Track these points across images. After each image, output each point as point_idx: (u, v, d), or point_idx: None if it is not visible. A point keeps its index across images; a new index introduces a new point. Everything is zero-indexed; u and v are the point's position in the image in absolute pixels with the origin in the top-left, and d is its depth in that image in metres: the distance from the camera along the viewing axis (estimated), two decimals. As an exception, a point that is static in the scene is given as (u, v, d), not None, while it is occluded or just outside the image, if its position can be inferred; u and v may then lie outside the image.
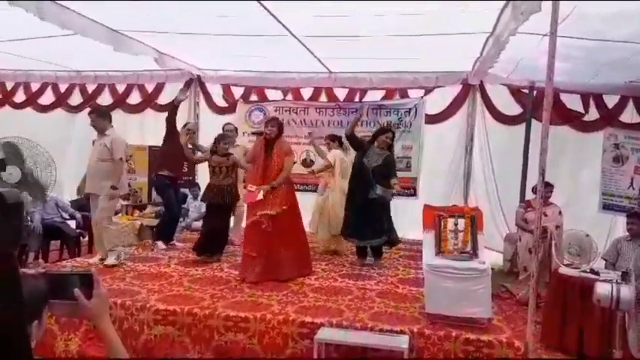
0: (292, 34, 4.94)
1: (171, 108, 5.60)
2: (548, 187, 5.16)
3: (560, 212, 5.14)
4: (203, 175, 7.29)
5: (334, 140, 5.83)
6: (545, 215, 5.01)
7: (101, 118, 4.69)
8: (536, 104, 6.00)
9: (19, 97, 7.83)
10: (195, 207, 6.86)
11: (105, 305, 1.24)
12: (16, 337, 0.71)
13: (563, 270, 4.14)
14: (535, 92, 6.20)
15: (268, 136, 4.43)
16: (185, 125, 5.68)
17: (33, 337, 1.10)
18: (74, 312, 1.22)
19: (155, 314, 3.60)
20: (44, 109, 7.77)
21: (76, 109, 7.64)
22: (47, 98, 7.78)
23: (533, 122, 6.05)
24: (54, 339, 3.71)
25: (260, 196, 4.33)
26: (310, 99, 7.25)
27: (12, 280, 0.71)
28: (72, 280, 1.22)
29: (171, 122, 5.51)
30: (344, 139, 5.53)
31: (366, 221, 4.88)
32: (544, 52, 3.22)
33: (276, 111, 7.25)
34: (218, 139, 5.10)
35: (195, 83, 7.38)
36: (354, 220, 4.96)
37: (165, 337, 3.57)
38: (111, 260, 4.67)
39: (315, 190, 6.18)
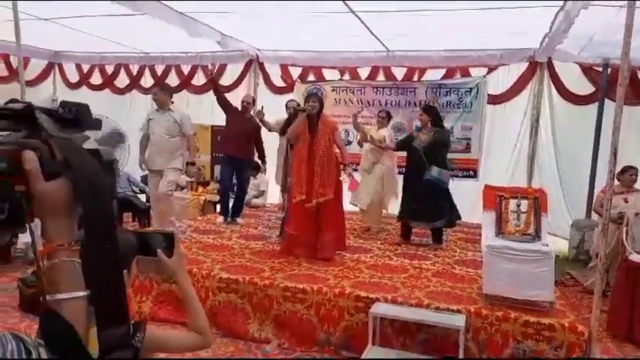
0: (351, 10, 4.91)
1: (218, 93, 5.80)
2: (632, 170, 4.85)
3: None
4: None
5: (388, 118, 5.81)
6: (626, 202, 4.74)
7: (163, 92, 4.90)
8: (610, 83, 5.62)
9: (96, 79, 8.37)
10: (254, 185, 7.08)
11: (183, 263, 1.35)
12: (115, 280, 0.79)
13: (634, 257, 3.93)
14: (609, 70, 5.81)
15: (310, 111, 4.36)
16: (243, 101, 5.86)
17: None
18: (157, 268, 1.34)
19: (219, 282, 3.82)
20: (121, 91, 8.24)
21: (149, 90, 8.06)
22: (122, 80, 8.24)
23: (607, 103, 5.68)
24: (129, 301, 4.03)
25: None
26: (367, 78, 7.20)
27: (111, 226, 0.78)
28: (156, 239, 1.34)
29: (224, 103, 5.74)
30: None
31: (425, 204, 4.85)
32: (621, 25, 3.01)
33: (333, 91, 7.28)
34: (295, 115, 4.95)
35: (254, 64, 7.54)
36: (413, 203, 4.95)
37: (228, 303, 3.78)
38: None
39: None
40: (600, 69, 5.93)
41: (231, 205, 5.92)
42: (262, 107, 5.80)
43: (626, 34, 2.86)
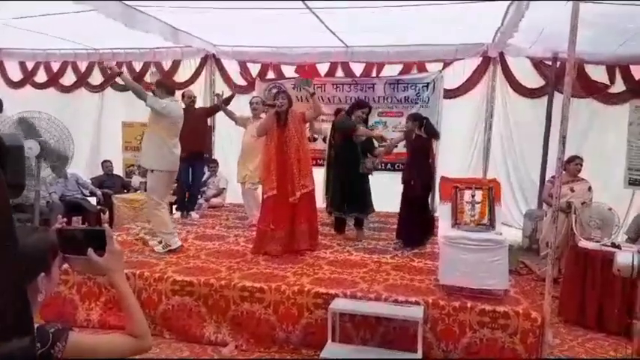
0: (306, 5, 4.84)
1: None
2: (578, 159, 5.01)
3: (589, 188, 4.97)
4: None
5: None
6: (572, 191, 4.88)
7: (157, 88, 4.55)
8: (559, 76, 5.80)
9: (41, 77, 7.94)
10: (214, 183, 6.91)
11: (118, 261, 1.24)
12: (13, 286, 0.69)
13: (583, 243, 4.05)
14: (558, 63, 6.00)
15: (280, 108, 4.39)
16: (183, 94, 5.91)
17: (41, 289, 1.11)
18: (90, 267, 1.23)
19: (173, 285, 3.67)
20: (67, 89, 7.86)
21: (98, 88, 7.74)
22: (69, 78, 7.87)
23: (556, 95, 5.87)
24: (75, 309, 3.83)
25: None
26: (327, 75, 7.15)
27: (6, 224, 0.68)
28: (85, 236, 1.23)
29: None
30: None
31: (359, 195, 4.96)
32: (568, 19, 3.08)
33: (294, 88, 7.18)
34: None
35: (210, 60, 7.35)
36: (349, 194, 4.95)
37: (182, 306, 3.64)
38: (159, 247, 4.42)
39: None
40: (550, 62, 6.12)
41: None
42: (222, 92, 5.82)
43: (572, 23, 2.92)
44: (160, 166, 4.28)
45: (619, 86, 6.06)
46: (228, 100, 5.91)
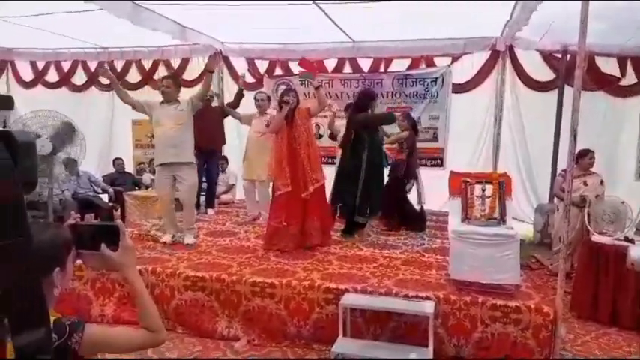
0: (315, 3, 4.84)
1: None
2: (591, 154, 4.96)
3: (601, 182, 4.92)
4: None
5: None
6: (585, 185, 4.83)
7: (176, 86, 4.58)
8: (569, 69, 5.75)
9: (52, 76, 8.02)
10: (223, 179, 6.95)
11: (130, 256, 1.26)
12: (27, 280, 0.70)
13: (596, 237, 4.02)
14: (568, 56, 5.94)
15: (290, 105, 4.42)
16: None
17: (56, 284, 1.13)
18: (103, 263, 1.25)
19: (185, 280, 3.71)
20: (78, 88, 7.94)
21: (108, 86, 7.79)
22: (80, 77, 7.95)
23: (567, 88, 5.81)
24: (89, 304, 3.88)
25: None
26: (335, 70, 7.15)
27: (20, 218, 0.69)
28: (98, 232, 1.25)
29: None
30: None
31: (379, 196, 4.88)
32: (578, 12, 3.05)
33: (302, 84, 7.18)
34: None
35: (218, 57, 7.37)
36: (377, 197, 4.85)
37: (194, 301, 3.67)
38: (190, 239, 4.58)
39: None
40: (559, 55, 6.06)
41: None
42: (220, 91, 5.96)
43: (582, 15, 2.89)
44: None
45: (630, 79, 5.99)
46: (239, 96, 5.90)
